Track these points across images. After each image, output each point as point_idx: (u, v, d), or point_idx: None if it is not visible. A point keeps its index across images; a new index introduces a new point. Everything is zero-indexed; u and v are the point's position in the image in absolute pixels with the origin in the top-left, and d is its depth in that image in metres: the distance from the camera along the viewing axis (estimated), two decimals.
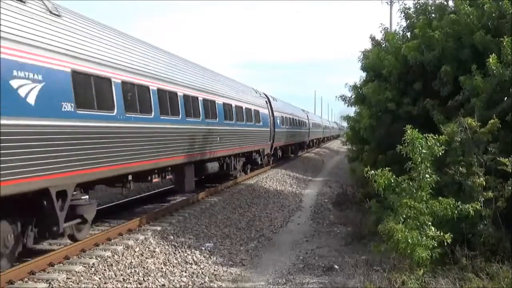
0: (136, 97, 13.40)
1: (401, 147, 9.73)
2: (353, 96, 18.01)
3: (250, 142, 26.02)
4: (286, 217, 19.36)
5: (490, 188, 10.13)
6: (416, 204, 9.26)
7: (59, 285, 9.65)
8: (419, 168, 9.41)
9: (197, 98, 18.11)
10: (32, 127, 9.21)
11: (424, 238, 9.06)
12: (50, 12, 10.54)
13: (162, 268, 11.56)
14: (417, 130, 9.65)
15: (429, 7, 16.00)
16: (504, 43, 11.45)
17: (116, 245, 12.46)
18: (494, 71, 11.31)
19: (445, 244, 9.32)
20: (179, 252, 12.79)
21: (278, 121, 33.60)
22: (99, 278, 10.31)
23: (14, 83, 8.79)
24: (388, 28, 19.02)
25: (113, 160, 12.10)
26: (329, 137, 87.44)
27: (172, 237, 13.88)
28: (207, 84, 20.05)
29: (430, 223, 9.24)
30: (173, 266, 11.81)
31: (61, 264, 10.83)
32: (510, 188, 9.88)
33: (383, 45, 17.42)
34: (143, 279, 10.71)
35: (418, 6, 16.19)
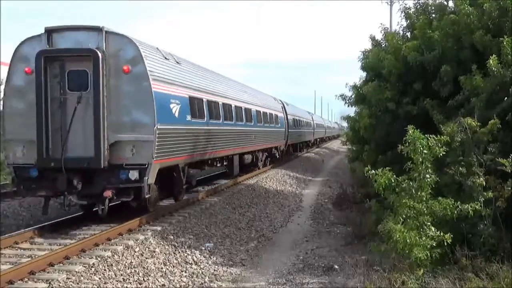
0: (213, 109, 19.44)
1: (402, 147, 9.73)
2: (353, 96, 18.00)
3: (272, 140, 32.52)
4: (286, 217, 19.38)
5: (490, 188, 10.12)
6: (416, 204, 9.26)
7: (59, 285, 9.66)
8: (420, 168, 9.41)
9: (241, 107, 24.43)
10: (175, 130, 15.26)
11: (423, 238, 9.06)
12: (177, 62, 16.88)
13: (162, 268, 11.57)
14: (418, 130, 9.66)
15: (429, 7, 16.00)
16: (504, 43, 11.44)
17: (116, 245, 12.46)
18: (495, 72, 11.30)
19: (445, 244, 9.32)
20: (179, 252, 12.81)
21: (291, 122, 39.61)
22: (99, 278, 10.32)
23: (171, 106, 14.95)
24: (388, 28, 19.02)
25: (202, 150, 18.22)
26: (330, 136, 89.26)
27: (172, 237, 13.89)
28: (246, 97, 26.53)
29: (429, 223, 9.25)
30: (173, 266, 11.82)
31: (61, 264, 10.84)
32: (509, 188, 9.88)
33: (383, 45, 17.42)
34: (143, 279, 10.72)
35: (418, 6, 16.19)
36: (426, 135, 9.58)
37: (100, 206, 13.73)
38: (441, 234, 9.23)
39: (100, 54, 13.25)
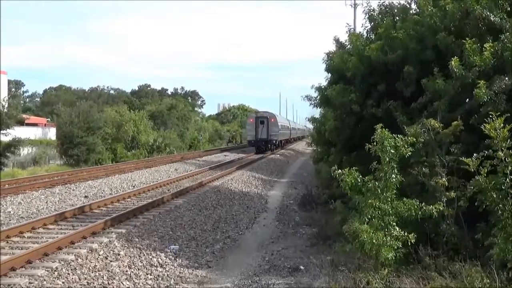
0: (284, 126, 69.37)
1: (370, 146, 9.77)
2: (318, 98, 18.00)
3: (287, 136, 72.30)
4: (252, 218, 19.36)
5: (452, 188, 10.25)
6: (381, 205, 9.32)
7: None
8: (386, 168, 9.47)
9: (284, 125, 69.50)
10: (280, 132, 62.90)
11: (389, 238, 9.13)
12: (278, 115, 68.93)
13: (127, 271, 11.44)
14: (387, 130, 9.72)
15: (394, 10, 16.13)
16: (466, 45, 11.59)
17: (80, 248, 12.29)
18: (457, 73, 11.44)
19: (409, 244, 9.41)
20: (144, 255, 12.68)
21: (291, 128, 79.36)
22: (62, 282, 10.16)
23: (279, 126, 62.10)
24: (353, 29, 19.09)
25: (284, 137, 70.27)
26: (295, 138, 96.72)
27: (137, 239, 13.76)
28: (292, 124, 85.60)
29: (394, 224, 9.33)
30: (138, 269, 11.70)
31: (23, 269, 10.64)
32: (472, 187, 9.96)
33: (347, 47, 17.47)
34: (108, 283, 10.58)
35: (383, 8, 16.31)
36: (393, 135, 9.66)
37: (269, 148, 58.12)
38: (405, 234, 9.32)
39: (267, 117, 58.18)
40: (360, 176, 9.67)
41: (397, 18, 15.70)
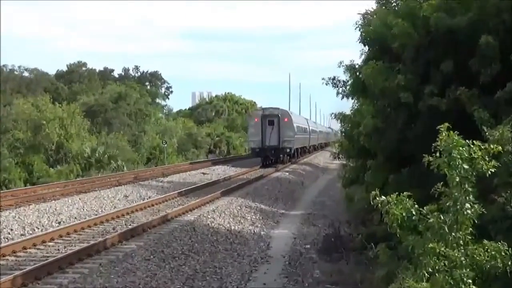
0: (301, 129, 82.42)
1: (430, 157, 9.64)
2: (350, 82, 17.92)
3: (309, 142, 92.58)
4: (246, 273, 19.30)
5: None
6: (449, 251, 9.26)
7: None
8: (456, 194, 9.37)
9: (303, 127, 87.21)
10: (297, 137, 73.50)
11: None
12: (292, 113, 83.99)
13: None
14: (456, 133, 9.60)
15: None
16: None
17: None
18: None
19: None
20: None
21: (311, 130, 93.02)
22: None
23: (296, 129, 72.52)
24: None
25: (302, 144, 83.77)
26: (325, 144, 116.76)
27: None
28: (311, 124, 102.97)
29: (470, 281, 9.27)
30: None
31: None
32: None
33: (394, 4, 17.44)
34: None
35: None
36: (467, 141, 9.50)
37: (280, 160, 67.20)
38: None
39: (279, 115, 67.16)
40: (416, 206, 9.61)
41: None
